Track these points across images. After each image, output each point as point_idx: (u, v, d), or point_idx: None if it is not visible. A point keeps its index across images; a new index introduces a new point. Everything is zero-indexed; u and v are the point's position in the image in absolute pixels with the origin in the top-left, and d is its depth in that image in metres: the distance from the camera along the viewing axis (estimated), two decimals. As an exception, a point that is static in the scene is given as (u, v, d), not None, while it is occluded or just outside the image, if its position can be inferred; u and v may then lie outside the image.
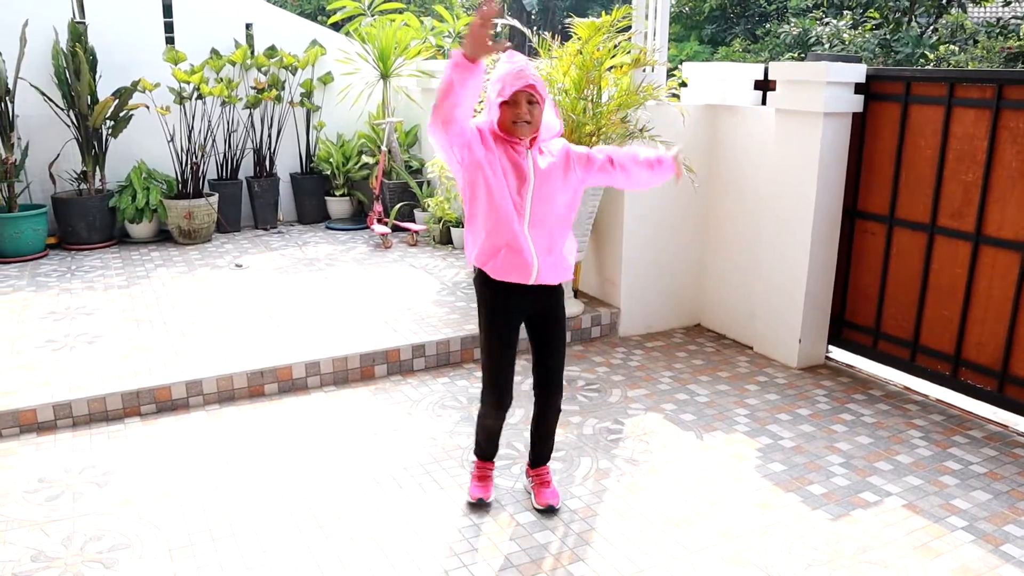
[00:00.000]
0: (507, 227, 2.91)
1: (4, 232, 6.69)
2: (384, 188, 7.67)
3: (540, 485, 3.37)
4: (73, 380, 4.25)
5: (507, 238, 2.93)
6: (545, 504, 3.31)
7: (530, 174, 2.92)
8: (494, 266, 2.99)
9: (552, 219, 2.99)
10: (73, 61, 6.86)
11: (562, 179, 3.00)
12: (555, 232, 3.02)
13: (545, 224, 2.98)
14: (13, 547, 3.03)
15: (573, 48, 4.86)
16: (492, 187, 2.87)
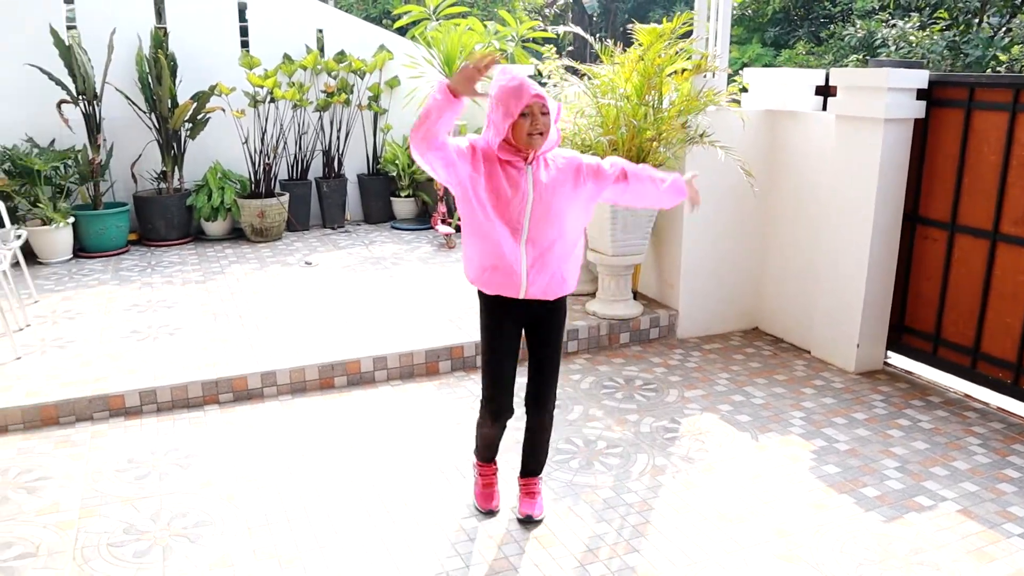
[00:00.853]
0: (498, 244, 2.91)
1: (90, 229, 7.06)
2: (448, 190, 7.86)
3: (525, 495, 3.39)
4: (157, 369, 4.51)
5: (497, 255, 2.94)
6: (524, 514, 3.33)
7: (528, 190, 2.89)
8: (485, 282, 3.03)
9: (554, 234, 2.95)
10: (155, 67, 7.19)
11: (571, 192, 2.97)
12: (556, 248, 2.97)
13: (545, 239, 2.94)
14: (107, 520, 3.28)
15: (635, 54, 4.97)
16: (481, 205, 2.88)
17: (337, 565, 3.01)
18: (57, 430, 4.09)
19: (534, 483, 3.41)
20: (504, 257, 2.94)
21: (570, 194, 2.97)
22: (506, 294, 3.02)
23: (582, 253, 3.16)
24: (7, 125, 7.15)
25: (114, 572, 2.95)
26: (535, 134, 2.82)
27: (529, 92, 2.79)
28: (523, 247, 2.93)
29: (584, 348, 5.22)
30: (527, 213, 2.90)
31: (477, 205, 2.89)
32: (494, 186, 2.87)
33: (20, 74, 7.11)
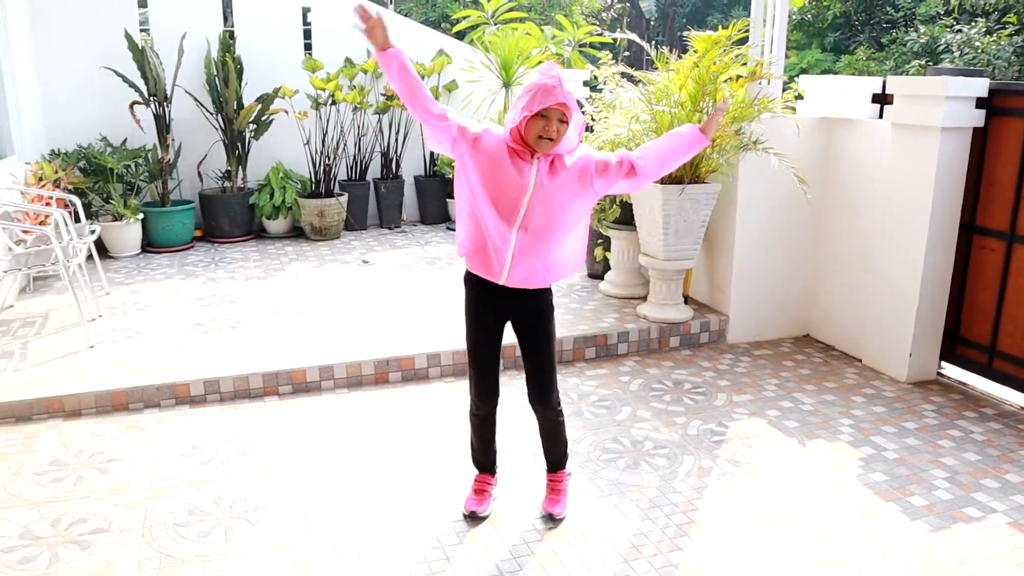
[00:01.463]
0: (487, 226, 2.95)
1: (157, 225, 7.34)
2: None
3: (550, 492, 3.42)
4: (220, 360, 4.70)
5: (485, 237, 2.97)
6: (546, 512, 3.36)
7: (530, 182, 2.89)
8: (471, 259, 3.07)
9: (549, 227, 2.95)
10: (222, 69, 7.45)
11: (576, 190, 2.97)
12: (549, 241, 2.97)
13: (539, 230, 2.94)
14: (173, 501, 3.45)
15: (690, 61, 5.02)
16: (474, 185, 2.92)
17: (389, 552, 3.13)
18: (127, 415, 4.29)
19: (559, 479, 3.44)
20: (491, 239, 2.96)
21: (574, 193, 2.97)
22: (487, 277, 3.05)
23: (577, 256, 3.16)
24: (83, 125, 7.48)
25: (179, 550, 3.11)
26: (545, 138, 2.83)
27: (557, 97, 2.76)
28: (514, 233, 2.94)
29: (634, 351, 5.28)
30: (524, 203, 2.90)
31: (469, 185, 2.94)
32: (495, 170, 2.88)
33: (96, 76, 7.43)
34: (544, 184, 2.91)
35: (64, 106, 7.50)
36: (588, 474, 3.74)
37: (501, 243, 2.95)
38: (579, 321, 5.40)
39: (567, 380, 4.81)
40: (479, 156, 2.90)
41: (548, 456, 3.44)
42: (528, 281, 3.05)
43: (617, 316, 5.51)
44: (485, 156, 2.89)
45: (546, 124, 2.80)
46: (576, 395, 4.61)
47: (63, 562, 3.04)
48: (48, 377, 4.50)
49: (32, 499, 3.47)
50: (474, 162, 2.91)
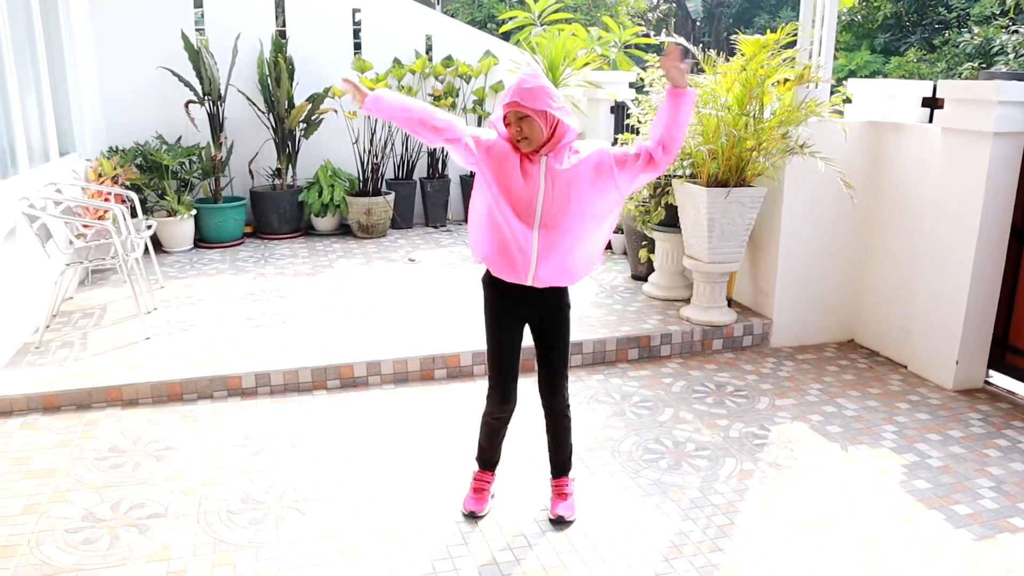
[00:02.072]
0: (508, 229, 2.99)
1: (210, 221, 7.53)
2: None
3: (556, 496, 3.43)
4: (271, 354, 4.83)
5: (506, 239, 3.02)
6: (555, 515, 3.36)
7: (540, 180, 2.95)
8: (495, 261, 3.10)
9: (568, 224, 2.98)
10: (275, 70, 7.61)
11: (592, 185, 2.98)
12: (569, 237, 3.00)
13: (559, 228, 2.97)
14: (226, 489, 3.57)
15: (737, 64, 5.03)
16: (493, 190, 2.98)
17: (435, 544, 3.21)
18: (181, 405, 4.44)
19: (564, 483, 3.45)
20: (513, 241, 3.00)
21: (591, 188, 2.97)
22: (510, 279, 3.09)
23: (599, 252, 3.16)
24: (140, 123, 7.70)
25: (233, 536, 3.23)
26: (518, 139, 2.91)
27: (507, 95, 2.87)
28: (535, 232, 2.98)
29: (676, 353, 5.31)
30: (539, 201, 2.95)
31: (490, 191, 3.00)
32: (507, 174, 2.95)
33: (153, 76, 7.65)
34: (554, 180, 2.95)
35: (123, 105, 7.73)
36: (630, 473, 3.78)
37: (525, 243, 2.99)
38: (622, 322, 5.44)
39: (610, 380, 4.86)
40: (492, 161, 2.98)
41: (553, 458, 3.47)
42: (555, 279, 3.08)
43: (660, 318, 5.54)
44: (498, 161, 2.98)
45: (509, 126, 2.92)
46: (619, 396, 4.66)
47: (123, 544, 3.17)
48: (107, 367, 4.66)
49: (93, 483, 3.62)
50: (489, 168, 2.99)
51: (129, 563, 3.06)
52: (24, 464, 3.79)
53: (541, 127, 2.89)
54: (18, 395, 4.33)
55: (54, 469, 3.75)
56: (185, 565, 3.05)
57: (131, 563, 3.06)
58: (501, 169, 2.97)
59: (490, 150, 2.99)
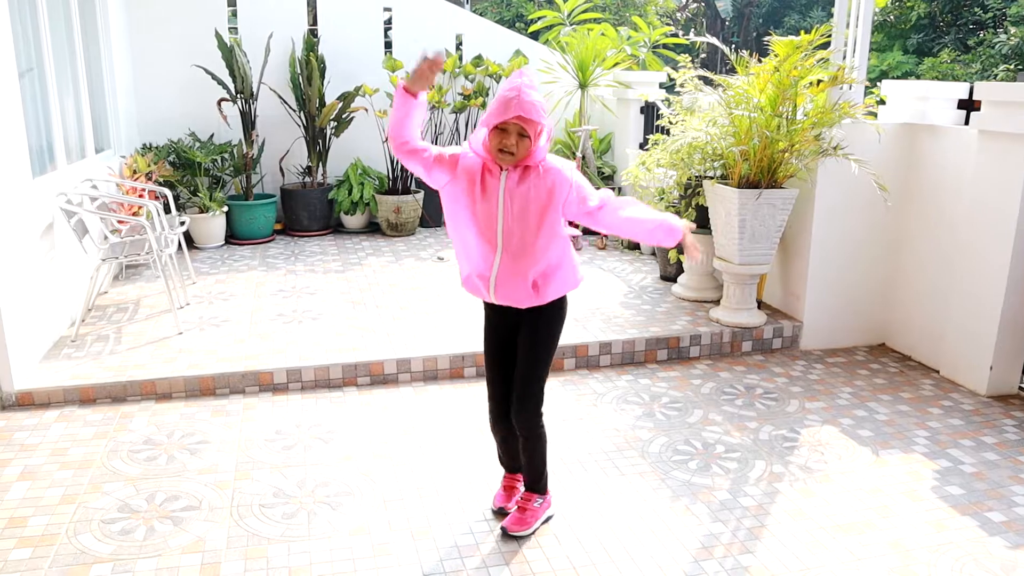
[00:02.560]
0: (473, 250, 2.97)
1: (241, 217, 7.61)
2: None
3: (517, 508, 3.32)
4: (302, 350, 4.88)
5: (473, 261, 2.99)
6: (504, 525, 3.28)
7: (499, 196, 2.87)
8: (465, 285, 3.12)
9: (528, 243, 2.91)
10: (306, 68, 7.67)
11: (549, 203, 2.89)
12: (529, 256, 2.92)
13: (517, 248, 2.91)
14: (259, 483, 3.61)
15: (770, 65, 5.00)
16: (457, 211, 2.93)
17: (465, 540, 3.23)
18: (213, 400, 4.49)
19: (530, 499, 3.32)
20: (478, 263, 2.98)
21: (546, 202, 2.89)
22: (481, 298, 3.11)
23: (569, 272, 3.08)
24: (174, 120, 7.80)
25: (265, 530, 3.26)
26: (505, 151, 2.81)
27: (515, 110, 2.74)
28: (498, 254, 2.93)
29: (706, 354, 5.30)
30: (499, 220, 2.88)
31: (456, 212, 2.95)
32: (471, 193, 2.89)
33: (186, 73, 7.74)
34: (513, 194, 2.86)
35: (156, 102, 7.84)
36: (660, 474, 3.78)
37: (483, 263, 2.96)
38: (651, 323, 5.43)
39: (639, 381, 4.86)
40: (459, 180, 2.90)
41: (523, 472, 3.37)
42: (516, 300, 3.01)
43: (690, 319, 5.53)
44: (465, 177, 2.90)
45: (504, 137, 2.79)
46: (648, 396, 4.65)
47: (158, 535, 3.22)
48: (141, 361, 4.73)
49: (128, 475, 3.67)
50: (455, 187, 2.92)
51: (164, 554, 3.11)
52: (62, 455, 3.86)
53: (531, 144, 2.83)
54: (55, 387, 4.40)
55: (90, 460, 3.81)
56: (219, 557, 3.09)
57: (166, 554, 3.10)
58: (468, 185, 2.90)
59: (455, 166, 2.92)
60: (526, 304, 3.04)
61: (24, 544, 3.16)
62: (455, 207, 2.96)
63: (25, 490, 3.55)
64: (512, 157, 2.82)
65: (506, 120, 2.76)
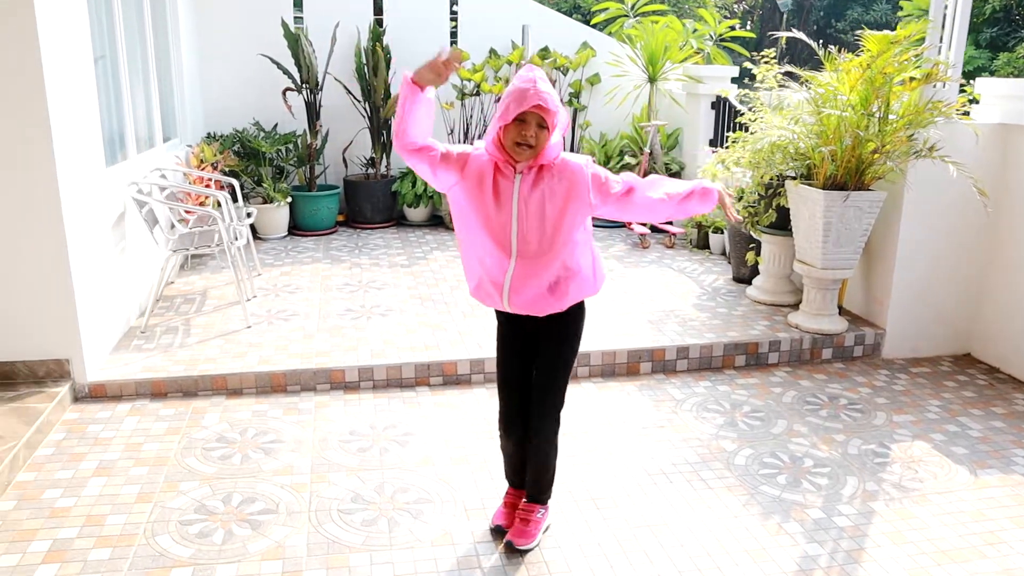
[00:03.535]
0: (484, 256, 2.80)
1: (304, 208, 7.57)
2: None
3: (518, 520, 3.15)
4: (373, 347, 4.80)
5: (484, 267, 2.82)
6: (508, 539, 3.13)
7: (513, 200, 2.72)
8: (476, 293, 2.93)
9: (544, 248, 2.76)
10: (372, 58, 7.59)
11: (567, 199, 2.74)
12: (549, 259, 2.78)
13: (533, 253, 2.76)
14: (336, 487, 3.53)
15: (860, 61, 4.78)
16: (466, 214, 2.77)
17: (552, 554, 3.11)
18: (284, 397, 4.43)
19: (532, 510, 3.15)
20: (489, 270, 2.81)
21: (566, 203, 2.74)
22: (493, 307, 2.94)
23: (590, 274, 2.94)
24: (239, 109, 7.79)
25: (346, 536, 3.18)
26: (523, 144, 2.64)
27: (533, 99, 2.59)
28: (512, 260, 2.77)
29: (785, 361, 5.11)
30: (513, 225, 2.73)
31: (464, 215, 2.80)
32: (481, 196, 2.72)
33: (252, 63, 7.71)
34: (528, 197, 2.71)
35: (221, 92, 7.83)
36: (748, 489, 3.62)
37: (497, 269, 2.79)
38: (728, 327, 5.25)
39: (717, 388, 4.69)
40: (467, 181, 2.73)
41: (529, 481, 3.18)
42: (534, 307, 2.86)
43: (767, 324, 5.34)
44: (474, 178, 2.73)
45: (523, 128, 2.63)
46: (728, 404, 4.49)
47: (237, 540, 3.15)
48: (211, 355, 4.69)
49: (203, 474, 3.62)
50: (463, 188, 2.75)
51: (244, 560, 3.04)
52: (136, 451, 3.82)
53: (548, 136, 2.68)
54: (127, 380, 4.38)
55: (164, 457, 3.77)
56: (300, 565, 3.01)
57: (246, 560, 3.03)
58: (477, 187, 2.73)
59: (464, 166, 2.74)
60: (545, 311, 2.88)
61: (103, 544, 3.11)
62: (464, 211, 2.79)
63: (102, 486, 3.51)
64: (531, 151, 2.65)
65: (525, 110, 2.60)
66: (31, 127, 3.96)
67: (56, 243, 4.11)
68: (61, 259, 4.14)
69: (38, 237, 4.10)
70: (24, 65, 3.89)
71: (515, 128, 2.64)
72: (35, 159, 4.00)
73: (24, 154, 3.99)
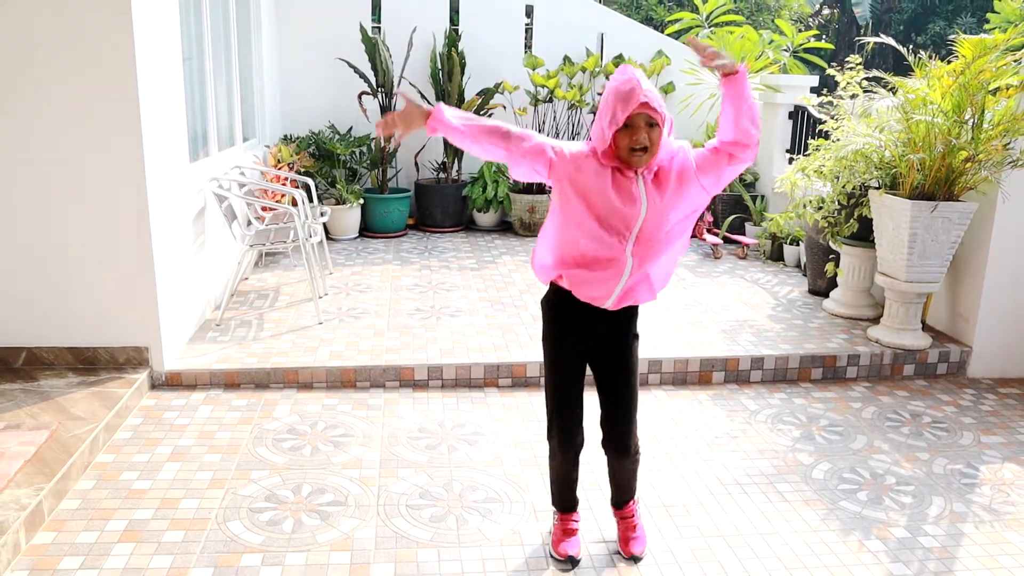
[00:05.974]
0: (596, 245, 2.60)
1: (375, 210, 7.63)
2: (717, 199, 7.73)
3: (625, 528, 3.06)
4: (443, 347, 4.79)
5: (591, 254, 2.62)
6: (629, 554, 3.00)
7: (641, 200, 2.56)
8: (575, 277, 2.69)
9: (662, 242, 2.65)
10: (447, 63, 7.63)
11: (683, 195, 2.62)
12: (660, 254, 2.68)
13: (650, 248, 2.63)
14: (404, 482, 3.51)
15: (955, 67, 4.61)
16: (580, 209, 2.58)
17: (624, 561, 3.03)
18: (354, 393, 4.44)
19: (630, 514, 3.08)
20: (600, 260, 2.62)
21: (683, 198, 2.62)
22: (592, 302, 2.71)
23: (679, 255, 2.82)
24: (315, 112, 7.91)
25: (414, 532, 3.15)
26: (637, 150, 2.49)
27: (638, 98, 2.44)
28: (628, 253, 2.61)
29: (864, 375, 4.93)
30: (638, 223, 2.58)
31: (575, 209, 2.59)
32: (602, 192, 2.55)
33: (329, 67, 7.83)
34: (656, 201, 2.58)
35: (299, 94, 7.96)
36: (827, 503, 3.49)
37: (615, 262, 2.62)
38: (804, 339, 5.10)
39: (793, 400, 4.55)
40: (582, 176, 2.57)
41: (615, 495, 3.09)
42: (636, 299, 2.74)
43: (845, 337, 5.16)
44: (590, 176, 2.56)
45: (634, 133, 2.47)
46: (804, 417, 4.35)
47: (306, 529, 3.15)
48: (283, 349, 4.74)
49: (274, 464, 3.64)
50: (573, 185, 2.57)
51: (313, 549, 3.03)
52: (209, 438, 3.86)
53: (660, 133, 2.52)
54: (203, 370, 4.44)
55: (236, 446, 3.80)
56: (367, 558, 2.99)
57: (315, 550, 3.03)
58: (595, 186, 2.56)
59: (578, 163, 2.58)
60: (643, 301, 2.77)
61: (176, 527, 3.15)
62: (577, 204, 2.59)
63: (176, 471, 3.56)
64: (647, 154, 2.50)
65: (632, 112, 2.45)
66: (123, 122, 4.06)
67: (141, 233, 4.21)
68: (145, 249, 4.23)
69: (125, 227, 4.20)
70: (119, 64, 3.99)
71: (625, 135, 2.49)
72: (125, 152, 4.10)
73: (116, 147, 4.09)
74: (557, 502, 3.09)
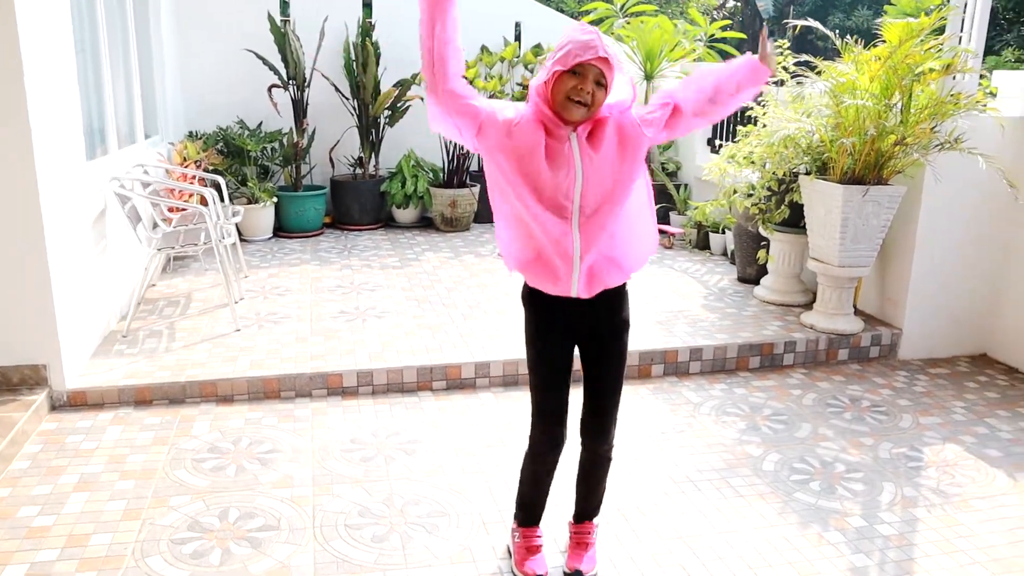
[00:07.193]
0: (540, 230, 2.40)
1: (290, 209, 7.28)
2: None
3: (576, 545, 2.87)
4: (371, 351, 4.53)
5: (540, 243, 2.43)
6: (572, 568, 2.79)
7: (576, 162, 2.35)
8: (530, 272, 2.52)
9: (611, 210, 2.42)
10: (361, 54, 7.33)
11: (626, 152, 2.40)
12: (614, 225, 2.44)
13: (600, 219, 2.41)
14: (341, 500, 3.26)
15: (882, 52, 4.60)
16: (515, 182, 2.36)
17: (579, 572, 2.86)
18: (279, 404, 4.15)
19: (587, 531, 2.89)
20: (549, 245, 2.41)
21: (627, 156, 2.41)
22: (553, 291, 2.50)
23: (650, 236, 2.60)
24: (223, 107, 7.50)
25: (356, 555, 2.91)
26: (576, 101, 2.28)
27: (596, 50, 2.24)
28: (575, 230, 2.40)
29: (800, 362, 4.90)
30: (576, 190, 2.36)
31: (510, 184, 2.38)
32: (532, 158, 2.33)
33: (235, 59, 7.42)
34: (592, 161, 2.36)
35: (204, 88, 7.53)
36: (781, 496, 3.40)
37: (565, 241, 2.40)
38: (739, 327, 5.04)
39: (734, 391, 4.47)
40: (514, 144, 2.34)
41: (580, 503, 2.89)
42: (604, 281, 2.51)
43: (780, 324, 5.13)
44: (521, 143, 2.34)
45: (579, 83, 2.26)
46: (748, 407, 4.27)
47: (236, 559, 2.87)
48: (198, 359, 4.40)
49: (196, 488, 3.33)
50: (506, 154, 2.35)
51: (245, 580, 2.76)
52: (120, 463, 3.53)
53: (605, 97, 2.32)
54: (110, 387, 4.08)
55: (152, 470, 3.47)
56: (307, 586, 2.74)
57: (247, 581, 2.76)
58: (526, 153, 2.34)
59: (511, 130, 2.35)
60: (613, 283, 2.52)
61: (87, 567, 2.82)
62: (510, 177, 2.37)
63: (84, 502, 3.21)
64: (584, 110, 2.29)
65: (585, 61, 2.25)
66: (9, 116, 3.66)
67: (33, 238, 3.81)
68: (39, 256, 3.84)
69: (14, 231, 3.80)
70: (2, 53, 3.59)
71: (569, 80, 2.27)
72: (12, 149, 3.70)
73: (1, 143, 3.69)
74: (522, 514, 2.88)
